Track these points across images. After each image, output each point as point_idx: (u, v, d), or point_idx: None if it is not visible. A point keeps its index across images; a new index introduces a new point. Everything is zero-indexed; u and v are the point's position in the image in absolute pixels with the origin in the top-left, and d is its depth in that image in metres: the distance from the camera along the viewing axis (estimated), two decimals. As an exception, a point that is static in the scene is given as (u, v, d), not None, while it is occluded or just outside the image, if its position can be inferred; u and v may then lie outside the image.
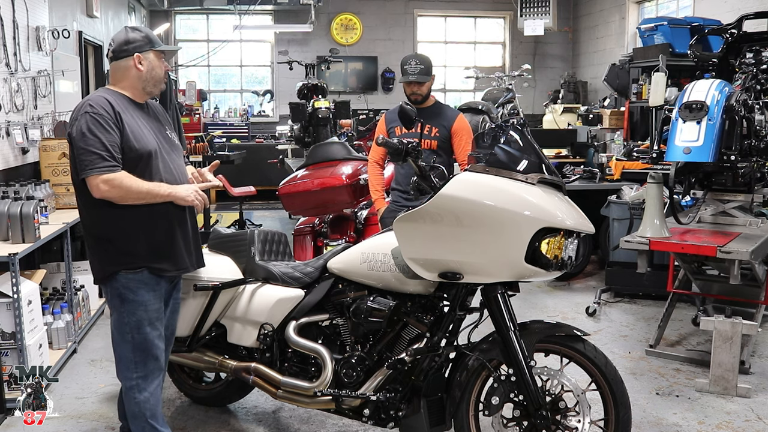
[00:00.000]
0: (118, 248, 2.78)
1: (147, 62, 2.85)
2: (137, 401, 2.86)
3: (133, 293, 2.80)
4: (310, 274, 3.28)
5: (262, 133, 12.28)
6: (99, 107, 2.71)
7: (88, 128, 2.68)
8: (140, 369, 2.85)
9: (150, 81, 2.87)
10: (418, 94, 4.30)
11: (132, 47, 2.83)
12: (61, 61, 6.04)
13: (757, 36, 4.83)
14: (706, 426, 3.61)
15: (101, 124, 2.68)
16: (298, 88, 8.39)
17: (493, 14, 13.59)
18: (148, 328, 2.83)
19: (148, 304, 2.82)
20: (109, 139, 2.68)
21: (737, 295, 4.63)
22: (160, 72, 2.89)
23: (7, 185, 4.42)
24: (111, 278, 2.81)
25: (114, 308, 2.86)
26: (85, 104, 2.75)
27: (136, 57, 2.82)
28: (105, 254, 2.81)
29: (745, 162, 4.21)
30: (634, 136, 8.32)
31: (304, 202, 5.17)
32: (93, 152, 2.66)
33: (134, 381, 2.86)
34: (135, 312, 2.81)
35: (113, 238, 2.78)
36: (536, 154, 2.82)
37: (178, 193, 2.79)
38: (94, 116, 2.69)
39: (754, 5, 7.62)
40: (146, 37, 2.86)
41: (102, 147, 2.66)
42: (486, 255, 2.67)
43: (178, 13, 12.92)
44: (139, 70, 2.84)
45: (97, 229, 2.81)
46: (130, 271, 2.78)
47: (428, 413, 2.91)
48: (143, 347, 2.84)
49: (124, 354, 2.86)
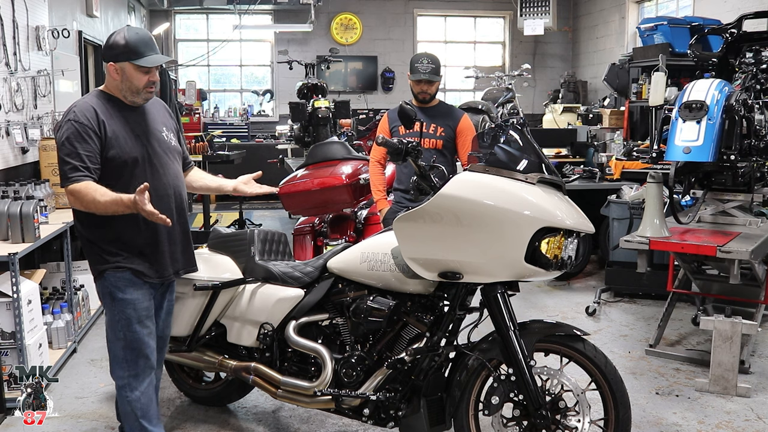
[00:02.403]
0: (104, 249, 2.81)
1: (122, 73, 2.78)
2: (129, 400, 2.88)
3: (122, 291, 2.82)
4: (309, 274, 3.28)
5: (262, 132, 12.27)
6: (81, 115, 2.70)
7: (66, 137, 2.68)
8: (131, 367, 2.86)
9: (127, 91, 2.81)
10: (427, 93, 4.33)
11: (110, 54, 2.78)
12: (61, 60, 6.03)
13: (757, 36, 4.84)
14: (705, 426, 3.61)
15: (80, 133, 2.67)
16: (298, 87, 8.39)
17: (493, 14, 13.58)
18: (137, 326, 2.84)
19: (136, 302, 2.84)
20: (85, 149, 2.67)
21: (737, 294, 4.63)
22: (137, 83, 2.79)
23: (7, 185, 4.42)
24: (101, 276, 2.84)
25: (106, 306, 2.89)
26: (71, 111, 2.74)
27: (111, 65, 2.78)
28: (93, 254, 2.85)
29: (744, 162, 4.21)
30: (634, 136, 8.33)
31: (304, 201, 5.17)
32: (67, 162, 2.67)
33: (125, 380, 2.88)
34: (124, 310, 2.83)
35: (98, 239, 2.81)
36: (536, 153, 2.82)
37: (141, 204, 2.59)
38: (74, 124, 2.68)
39: (754, 5, 7.62)
40: (126, 47, 2.75)
41: (76, 157, 2.66)
42: (486, 255, 2.67)
43: (178, 13, 12.91)
44: (114, 78, 2.80)
45: (85, 230, 2.84)
46: (117, 270, 2.81)
47: (428, 413, 2.91)
48: (134, 345, 2.85)
49: (116, 352, 2.88)
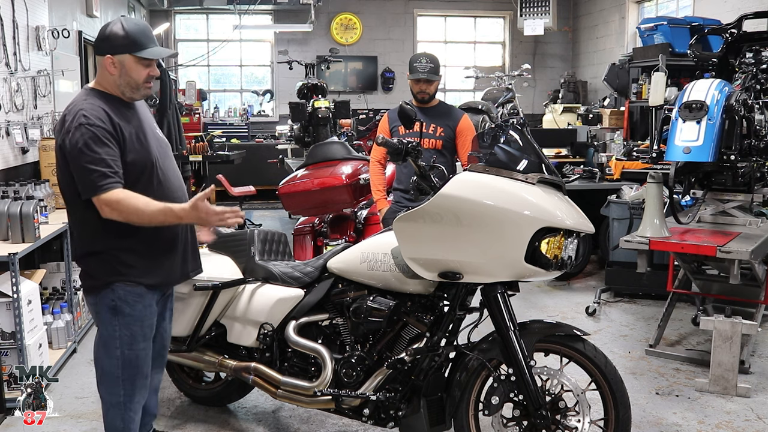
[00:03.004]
0: (119, 258, 2.59)
1: (120, 66, 2.56)
2: (123, 418, 2.70)
3: (130, 306, 2.61)
4: (309, 274, 3.28)
5: (262, 132, 12.27)
6: (94, 118, 2.48)
7: (84, 143, 2.44)
8: (127, 385, 2.67)
9: (125, 86, 2.59)
10: (426, 92, 4.33)
11: (106, 46, 2.55)
12: (61, 60, 6.03)
13: (757, 36, 4.84)
14: (705, 426, 3.61)
15: (98, 137, 2.46)
16: (298, 87, 8.39)
17: (493, 14, 13.58)
18: (142, 343, 2.67)
19: (144, 318, 2.66)
20: (108, 153, 2.46)
21: (737, 294, 4.63)
22: (137, 78, 2.58)
23: (7, 185, 4.42)
24: (106, 288, 2.60)
25: (104, 321, 2.65)
26: (77, 114, 2.49)
27: (108, 58, 2.55)
28: (101, 264, 2.61)
29: (744, 162, 4.21)
30: (634, 136, 8.33)
31: (304, 201, 5.18)
32: (92, 169, 2.43)
33: (120, 398, 2.68)
34: (130, 326, 2.62)
35: (112, 248, 2.59)
36: (536, 153, 2.82)
37: (193, 216, 2.49)
38: (89, 128, 2.45)
39: (754, 5, 7.62)
40: (127, 38, 2.53)
41: (101, 163, 2.44)
42: (486, 255, 2.67)
43: (178, 13, 12.92)
44: (110, 73, 2.57)
45: (96, 238, 2.59)
46: (128, 283, 2.60)
47: (428, 413, 2.91)
48: (134, 363, 2.66)
49: (109, 370, 2.67)
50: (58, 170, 2.62)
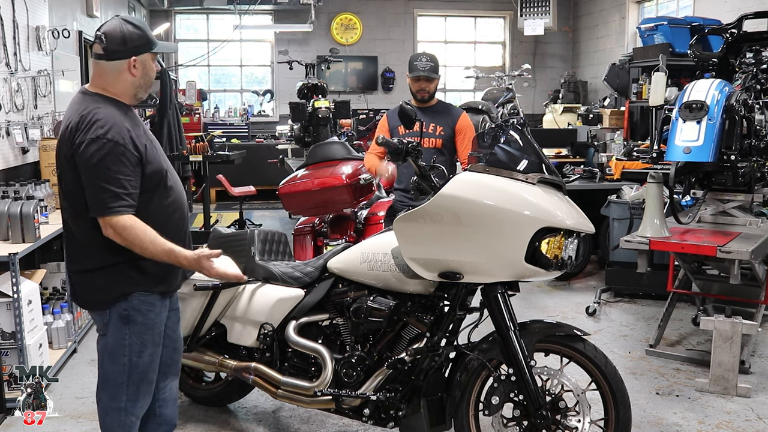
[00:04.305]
0: (136, 267, 2.52)
1: (141, 66, 2.52)
2: (121, 424, 2.64)
3: (143, 315, 2.56)
4: (310, 274, 3.28)
5: (262, 132, 12.27)
6: (116, 134, 2.39)
7: (101, 159, 2.36)
8: (131, 392, 2.61)
9: (142, 87, 2.57)
10: (425, 91, 4.33)
11: (129, 48, 2.48)
12: (61, 60, 6.04)
13: (757, 36, 4.83)
14: (706, 426, 3.61)
15: (117, 155, 2.37)
16: (298, 87, 8.39)
17: (493, 14, 13.58)
18: (152, 350, 2.63)
19: (154, 326, 2.62)
20: (124, 173, 2.39)
21: (737, 294, 4.63)
22: (152, 75, 2.57)
23: (7, 185, 4.42)
24: (124, 299, 2.54)
25: (115, 331, 2.58)
26: (95, 125, 2.39)
27: (132, 60, 2.49)
28: (115, 275, 2.53)
29: (745, 162, 4.21)
30: (634, 136, 8.33)
31: (304, 201, 5.17)
32: (105, 189, 2.37)
33: (122, 403, 2.62)
34: (141, 335, 2.57)
35: (126, 259, 2.50)
36: (536, 153, 2.82)
37: (195, 268, 2.55)
38: (110, 144, 2.37)
39: (754, 5, 7.62)
40: (144, 36, 2.51)
41: (116, 183, 2.37)
42: (486, 255, 2.67)
43: (178, 13, 12.92)
44: (133, 75, 2.51)
45: (114, 247, 2.48)
46: (143, 293, 2.56)
47: (428, 413, 2.91)
48: (141, 370, 2.61)
49: (114, 377, 2.60)
50: (66, 177, 2.51)
